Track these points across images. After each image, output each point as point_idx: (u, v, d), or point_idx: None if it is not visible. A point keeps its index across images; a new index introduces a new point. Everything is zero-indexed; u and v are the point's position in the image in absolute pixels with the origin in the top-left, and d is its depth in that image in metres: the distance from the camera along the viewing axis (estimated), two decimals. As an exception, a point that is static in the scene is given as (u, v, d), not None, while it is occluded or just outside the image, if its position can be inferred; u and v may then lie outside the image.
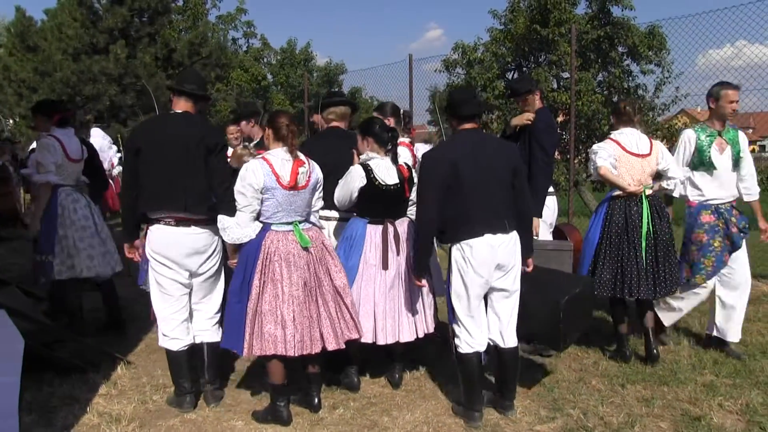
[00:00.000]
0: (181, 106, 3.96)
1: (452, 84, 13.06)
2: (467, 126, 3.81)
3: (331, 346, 3.79)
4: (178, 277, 3.90)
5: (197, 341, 4.06)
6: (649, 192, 4.62)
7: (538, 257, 4.57)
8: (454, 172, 3.62)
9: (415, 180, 4.17)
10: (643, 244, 4.54)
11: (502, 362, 3.88)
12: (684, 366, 4.57)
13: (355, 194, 4.08)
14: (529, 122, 4.90)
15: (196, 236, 3.91)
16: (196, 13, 21.88)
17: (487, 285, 3.75)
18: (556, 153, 12.21)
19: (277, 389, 3.81)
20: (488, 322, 3.87)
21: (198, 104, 4.00)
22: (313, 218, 3.96)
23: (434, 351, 4.81)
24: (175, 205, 3.82)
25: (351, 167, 4.15)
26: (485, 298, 3.85)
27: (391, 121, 4.97)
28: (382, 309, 4.10)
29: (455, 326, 3.83)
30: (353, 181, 4.08)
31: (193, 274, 3.97)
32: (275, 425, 3.79)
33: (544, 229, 5.01)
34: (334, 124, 4.73)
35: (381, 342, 4.10)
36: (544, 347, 4.82)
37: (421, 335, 4.24)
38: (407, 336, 4.16)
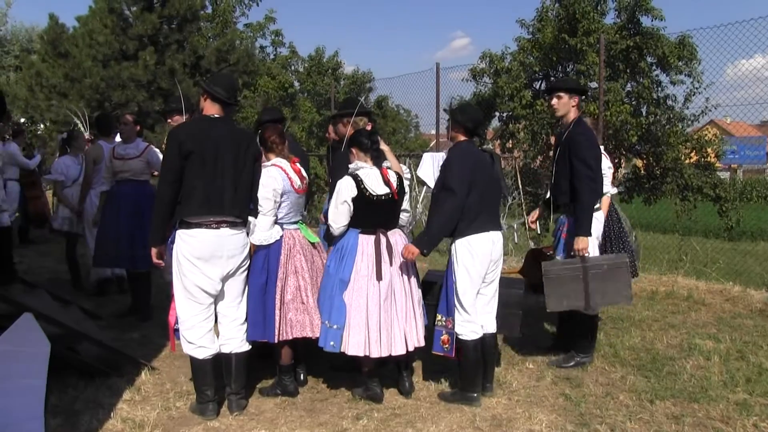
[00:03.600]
0: (215, 110, 3.95)
1: (479, 93, 12.96)
2: (468, 138, 4.30)
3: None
4: (208, 285, 3.87)
5: (225, 351, 4.04)
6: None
7: (595, 279, 4.49)
8: (473, 172, 4.11)
9: (406, 190, 4.36)
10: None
11: (483, 348, 4.23)
12: (715, 383, 4.46)
13: (351, 207, 4.05)
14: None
15: (236, 236, 3.94)
16: (225, 21, 22.07)
17: (484, 275, 4.19)
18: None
19: (285, 369, 4.31)
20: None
21: (228, 109, 4.02)
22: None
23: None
24: (228, 210, 3.85)
25: (339, 181, 4.12)
26: None
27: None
28: (376, 321, 4.03)
29: (458, 317, 4.16)
30: (344, 193, 4.05)
31: (227, 277, 3.95)
32: (298, 435, 3.78)
33: (592, 242, 4.75)
34: None
35: (375, 354, 4.04)
36: (565, 359, 4.86)
37: (411, 349, 4.17)
38: (400, 349, 4.10)
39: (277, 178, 4.07)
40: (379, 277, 4.05)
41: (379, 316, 4.04)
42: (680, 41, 10.70)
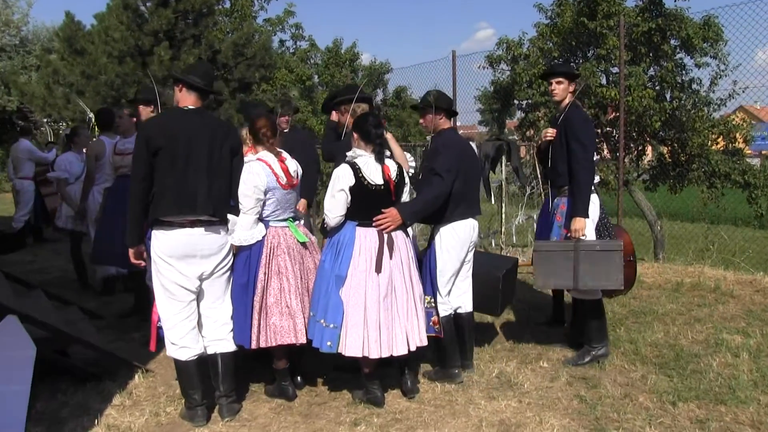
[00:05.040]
0: (190, 100, 3.72)
1: (497, 81, 12.62)
2: (450, 125, 4.45)
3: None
4: (186, 282, 3.66)
5: (210, 351, 3.83)
6: None
7: (586, 260, 4.24)
8: (459, 160, 4.19)
9: (407, 181, 4.10)
10: None
11: (460, 326, 4.40)
12: (744, 383, 4.10)
13: (348, 196, 3.81)
14: (552, 137, 4.70)
15: (212, 236, 3.70)
16: (244, 15, 21.97)
17: (463, 258, 4.35)
18: (606, 151, 11.72)
19: (282, 372, 4.07)
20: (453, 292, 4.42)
21: (205, 99, 3.78)
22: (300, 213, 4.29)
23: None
24: (200, 209, 3.61)
25: (336, 169, 3.89)
26: None
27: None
28: (375, 319, 3.76)
29: (438, 296, 4.28)
30: (341, 180, 3.81)
31: (204, 277, 3.73)
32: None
33: (589, 226, 4.56)
34: None
35: (374, 355, 3.77)
36: (580, 356, 4.61)
37: (413, 348, 3.90)
38: (401, 349, 3.83)
39: (260, 174, 3.79)
40: (378, 270, 3.79)
41: (379, 314, 3.78)
42: (705, 22, 10.27)
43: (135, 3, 17.58)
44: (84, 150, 7.56)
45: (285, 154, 4.02)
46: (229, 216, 3.78)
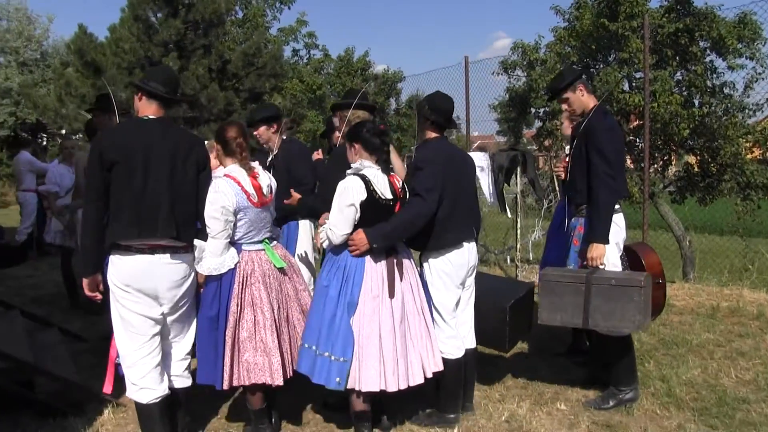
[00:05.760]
0: (151, 110, 3.30)
1: (512, 87, 12.11)
2: (439, 135, 3.83)
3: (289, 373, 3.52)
4: (150, 312, 3.23)
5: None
6: None
7: (598, 295, 3.66)
8: (444, 177, 3.62)
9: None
10: None
11: (464, 364, 3.84)
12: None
13: (359, 212, 3.36)
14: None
15: (175, 266, 3.26)
16: (256, 25, 21.83)
17: (463, 281, 3.82)
18: (629, 161, 11.13)
19: (258, 413, 3.63)
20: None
21: (170, 108, 3.33)
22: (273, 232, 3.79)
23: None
24: (161, 231, 3.16)
25: (342, 181, 3.41)
26: None
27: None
28: (391, 348, 3.33)
29: (441, 333, 3.71)
30: (352, 194, 3.35)
31: (166, 312, 3.29)
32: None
33: (613, 251, 4.02)
34: None
35: (392, 388, 3.34)
36: (603, 398, 4.04)
37: (429, 376, 3.49)
38: (418, 378, 3.43)
39: (227, 193, 3.37)
40: (391, 294, 3.38)
41: (395, 343, 3.37)
42: (740, 19, 9.63)
43: (146, 14, 17.44)
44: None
45: (258, 169, 3.58)
46: (197, 242, 3.33)
